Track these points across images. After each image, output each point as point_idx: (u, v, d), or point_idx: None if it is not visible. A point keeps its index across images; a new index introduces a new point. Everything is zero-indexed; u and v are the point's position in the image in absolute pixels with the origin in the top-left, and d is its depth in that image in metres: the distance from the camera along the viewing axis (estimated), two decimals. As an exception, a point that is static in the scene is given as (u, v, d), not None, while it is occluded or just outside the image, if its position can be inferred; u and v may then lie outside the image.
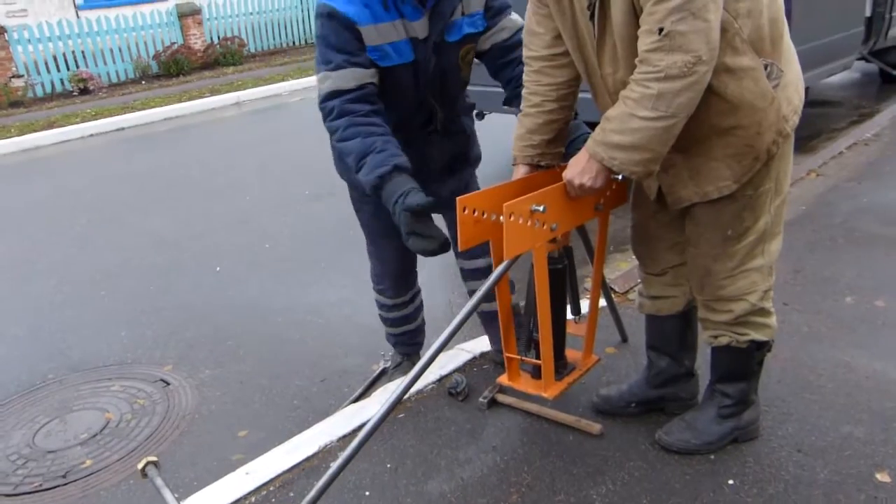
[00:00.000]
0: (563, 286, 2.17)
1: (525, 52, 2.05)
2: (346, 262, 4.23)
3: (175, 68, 13.03)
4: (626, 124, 1.73)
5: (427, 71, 2.19)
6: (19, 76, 11.51)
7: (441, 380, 2.71)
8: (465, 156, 2.50)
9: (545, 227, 1.93)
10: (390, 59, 2.11)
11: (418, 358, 2.60)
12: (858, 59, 6.99)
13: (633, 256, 2.36)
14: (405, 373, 2.67)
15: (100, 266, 4.54)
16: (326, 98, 2.08)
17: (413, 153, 2.13)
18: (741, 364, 2.17)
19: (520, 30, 2.23)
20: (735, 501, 2.02)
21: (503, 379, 2.27)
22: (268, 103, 10.25)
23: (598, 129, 1.83)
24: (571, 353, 2.36)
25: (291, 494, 2.16)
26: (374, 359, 3.05)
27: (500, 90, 2.39)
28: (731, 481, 2.09)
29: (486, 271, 2.40)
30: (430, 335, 2.86)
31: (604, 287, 2.83)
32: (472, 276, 2.64)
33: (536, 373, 2.19)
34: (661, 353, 2.37)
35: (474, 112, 2.59)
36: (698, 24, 1.59)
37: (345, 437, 2.38)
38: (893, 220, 4.00)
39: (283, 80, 11.40)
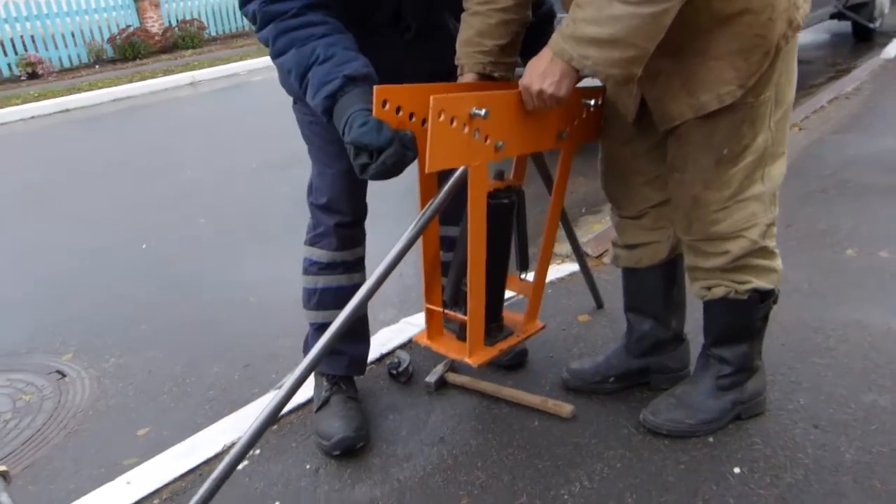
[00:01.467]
0: (506, 228, 1.71)
1: None
2: (290, 236, 3.72)
3: (131, 52, 12.45)
4: (604, 11, 1.32)
5: None
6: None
7: (382, 359, 2.26)
8: (449, 71, 1.73)
9: (488, 142, 1.48)
10: None
11: (353, 387, 2.05)
12: (832, 16, 6.75)
13: (608, 217, 1.92)
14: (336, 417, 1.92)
15: (14, 249, 4.04)
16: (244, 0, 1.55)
17: (379, 66, 1.58)
18: (742, 320, 1.74)
19: None
20: (744, 494, 1.59)
21: (420, 337, 1.83)
22: (225, 83, 9.71)
23: (566, 20, 1.40)
24: (512, 316, 1.92)
25: (182, 507, 1.71)
26: (309, 339, 2.60)
27: None
28: (736, 469, 1.67)
29: (454, 243, 1.85)
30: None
31: (575, 246, 2.40)
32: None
33: (463, 333, 1.75)
34: (642, 314, 1.94)
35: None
36: None
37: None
38: (889, 168, 3.71)
39: (241, 59, 10.84)
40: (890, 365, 2.05)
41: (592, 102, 1.73)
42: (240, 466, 1.71)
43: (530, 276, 1.93)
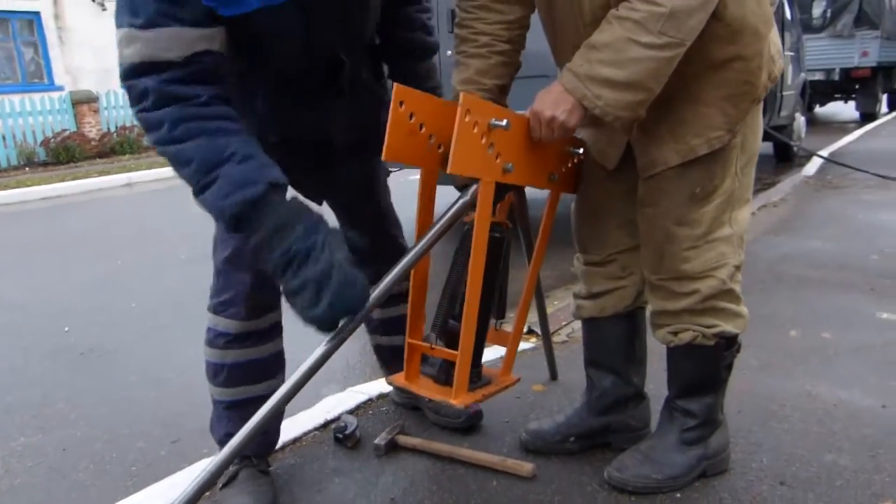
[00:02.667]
0: (495, 264, 1.65)
1: None
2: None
3: (65, 156, 12.16)
4: (623, 53, 1.35)
5: (322, 5, 1.47)
6: None
7: (326, 425, 2.11)
8: (376, 128, 1.53)
9: (499, 161, 1.47)
10: (244, 4, 1.34)
11: (264, 461, 1.82)
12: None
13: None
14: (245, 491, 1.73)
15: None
16: (133, 72, 1.31)
17: (313, 121, 1.58)
18: (708, 368, 1.71)
19: None
20: (718, 547, 1.49)
21: (398, 378, 1.70)
22: (163, 185, 9.54)
23: (578, 57, 1.42)
24: (486, 369, 1.82)
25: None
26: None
27: None
28: (708, 523, 1.58)
29: (403, 322, 1.71)
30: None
31: (541, 307, 2.34)
32: (385, 328, 2.03)
33: (442, 377, 1.64)
34: (603, 369, 1.88)
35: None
36: None
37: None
38: (818, 264, 3.89)
39: (181, 163, 10.74)
40: (845, 430, 2.04)
41: (581, 151, 1.76)
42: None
43: (506, 327, 1.86)
